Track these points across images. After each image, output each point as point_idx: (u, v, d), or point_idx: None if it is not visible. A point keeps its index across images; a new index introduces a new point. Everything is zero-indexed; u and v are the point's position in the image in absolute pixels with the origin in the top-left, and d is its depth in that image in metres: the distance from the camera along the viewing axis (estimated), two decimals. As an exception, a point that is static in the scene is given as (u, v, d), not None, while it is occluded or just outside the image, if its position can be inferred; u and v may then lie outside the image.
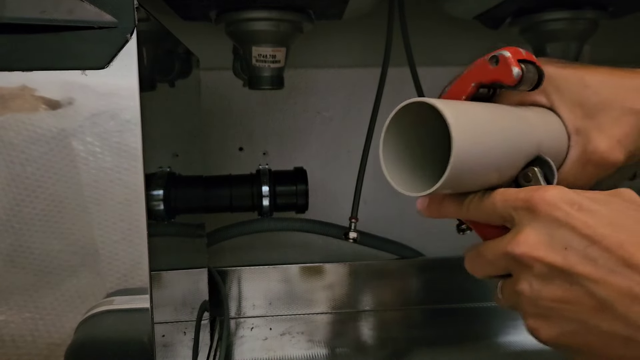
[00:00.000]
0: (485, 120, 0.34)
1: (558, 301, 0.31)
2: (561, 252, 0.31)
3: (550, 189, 0.32)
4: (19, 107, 0.35)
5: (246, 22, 0.61)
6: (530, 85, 0.37)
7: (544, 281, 0.31)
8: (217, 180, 0.73)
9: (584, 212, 0.31)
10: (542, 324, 0.32)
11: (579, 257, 0.30)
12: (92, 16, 0.35)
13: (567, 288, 0.31)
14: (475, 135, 0.33)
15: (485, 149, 0.33)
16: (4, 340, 0.36)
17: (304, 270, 0.83)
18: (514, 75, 0.35)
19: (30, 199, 0.35)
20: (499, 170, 0.36)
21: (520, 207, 0.33)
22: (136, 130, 0.35)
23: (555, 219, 0.31)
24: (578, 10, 0.64)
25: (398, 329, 0.80)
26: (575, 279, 0.30)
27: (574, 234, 0.30)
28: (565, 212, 0.31)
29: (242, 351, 0.74)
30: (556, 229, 0.31)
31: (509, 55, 0.36)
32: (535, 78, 0.37)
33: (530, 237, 0.32)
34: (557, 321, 0.32)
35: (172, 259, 0.47)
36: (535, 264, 0.31)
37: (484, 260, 0.35)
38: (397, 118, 0.35)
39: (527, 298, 0.32)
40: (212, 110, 0.85)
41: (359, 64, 0.87)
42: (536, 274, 0.32)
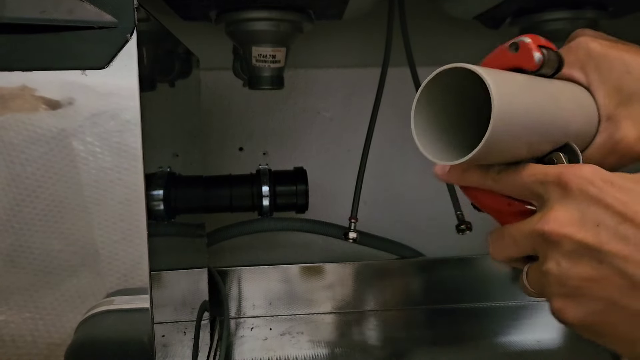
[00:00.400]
0: (525, 92, 0.34)
1: (587, 280, 0.30)
2: (592, 229, 0.30)
3: (584, 166, 0.31)
4: (19, 107, 0.35)
5: (246, 22, 0.61)
6: (552, 70, 0.37)
7: (573, 259, 0.30)
8: (217, 180, 0.73)
9: (618, 189, 0.30)
10: (569, 304, 0.31)
11: (610, 235, 0.29)
12: (92, 16, 0.35)
13: (596, 266, 0.30)
14: (514, 104, 0.32)
15: (522, 120, 0.33)
16: (4, 340, 0.36)
17: (304, 270, 0.83)
18: (535, 60, 0.35)
19: (30, 199, 0.35)
20: (530, 145, 0.35)
21: (552, 181, 0.32)
22: (136, 130, 0.35)
23: (589, 195, 0.30)
24: (578, 10, 0.64)
25: (398, 329, 0.80)
26: (606, 256, 0.29)
27: (607, 210, 0.30)
28: (599, 188, 0.30)
29: (242, 351, 0.74)
30: (589, 206, 0.30)
31: (529, 41, 0.35)
32: (556, 63, 0.37)
33: (560, 213, 0.31)
34: (585, 301, 0.31)
35: (172, 259, 0.47)
36: (564, 241, 0.30)
37: (510, 240, 0.34)
38: (430, 86, 0.34)
39: (554, 277, 0.31)
40: (212, 110, 0.85)
41: (359, 63, 0.87)
42: (565, 251, 0.31)
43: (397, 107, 0.81)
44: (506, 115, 0.31)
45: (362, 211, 0.69)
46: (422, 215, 0.90)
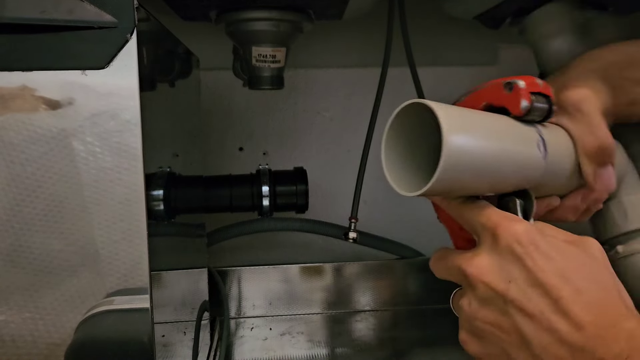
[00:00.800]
0: (484, 138, 0.34)
1: (489, 324, 0.34)
2: (506, 283, 0.33)
3: (520, 223, 0.34)
4: (19, 107, 0.35)
5: (246, 22, 0.61)
6: (538, 118, 0.38)
7: (482, 303, 0.34)
8: (217, 180, 0.73)
9: (540, 255, 0.32)
10: (471, 340, 0.36)
11: (519, 293, 0.32)
12: (92, 16, 0.35)
13: (499, 315, 0.33)
14: (468, 149, 0.33)
15: (474, 165, 0.34)
16: (4, 340, 0.36)
17: (304, 270, 0.83)
18: (521, 108, 0.36)
19: (30, 199, 0.35)
20: (485, 185, 0.36)
21: (489, 229, 0.35)
22: (136, 130, 0.35)
23: (513, 252, 0.33)
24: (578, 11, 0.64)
25: (398, 329, 0.80)
26: (509, 309, 0.33)
27: (523, 271, 0.32)
28: (524, 249, 0.33)
29: (242, 351, 0.74)
30: (510, 262, 0.33)
31: (522, 87, 0.36)
32: (545, 112, 0.37)
33: (484, 261, 0.34)
34: (484, 342, 0.35)
35: (172, 259, 0.47)
36: (480, 286, 0.34)
37: (444, 266, 0.38)
38: (398, 119, 0.36)
39: (464, 313, 0.35)
40: (212, 110, 0.85)
41: (359, 63, 0.87)
42: (477, 295, 0.34)
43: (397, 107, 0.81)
44: (457, 159, 0.32)
45: (362, 211, 0.69)
46: (422, 215, 0.90)
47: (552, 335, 0.31)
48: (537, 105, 0.37)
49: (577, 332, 0.30)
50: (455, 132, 0.32)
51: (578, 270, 0.32)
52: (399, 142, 0.36)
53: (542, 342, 0.31)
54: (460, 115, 0.34)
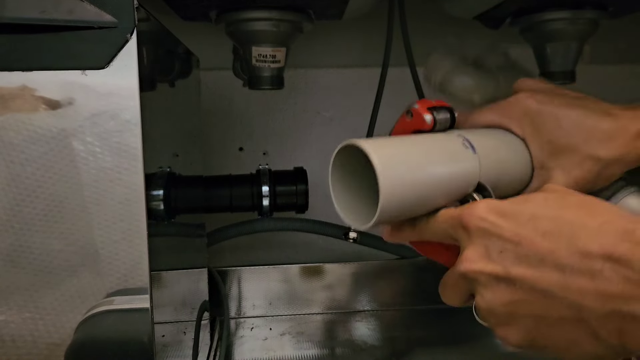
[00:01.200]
0: (415, 157, 0.38)
1: (508, 305, 0.33)
2: (496, 260, 0.33)
3: (478, 203, 0.35)
4: (19, 107, 0.35)
5: (246, 22, 0.61)
6: (445, 126, 0.42)
7: (491, 290, 0.33)
8: (217, 180, 0.73)
9: (507, 218, 0.33)
10: (507, 330, 0.34)
11: (512, 260, 0.32)
12: (92, 16, 0.35)
13: (512, 290, 0.32)
14: (403, 173, 0.36)
15: (414, 185, 0.37)
16: (4, 340, 0.36)
17: (304, 270, 0.83)
18: (427, 122, 0.41)
19: (30, 199, 0.35)
20: (435, 199, 0.39)
21: (457, 225, 0.36)
22: (136, 130, 0.35)
23: (484, 230, 0.34)
24: (578, 10, 0.64)
25: (398, 329, 0.80)
26: (514, 281, 0.32)
27: (502, 240, 0.33)
28: (491, 222, 0.33)
29: (242, 351, 0.74)
30: (487, 239, 0.33)
31: (417, 107, 0.41)
32: (449, 119, 0.42)
33: (469, 252, 0.34)
34: (517, 323, 0.33)
35: (172, 259, 0.47)
36: (479, 276, 0.34)
37: (448, 288, 0.37)
38: (340, 157, 0.39)
39: (484, 310, 0.34)
40: (212, 110, 0.85)
41: (359, 64, 0.87)
42: (483, 285, 0.34)
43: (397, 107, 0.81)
44: (396, 187, 0.35)
45: (362, 211, 0.69)
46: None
47: (561, 274, 0.30)
48: (439, 116, 0.41)
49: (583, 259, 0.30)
50: (386, 166, 0.35)
51: (544, 208, 0.33)
52: (346, 176, 0.39)
53: (558, 287, 0.31)
54: (388, 148, 0.37)
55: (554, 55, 0.67)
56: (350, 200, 0.39)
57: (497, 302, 0.33)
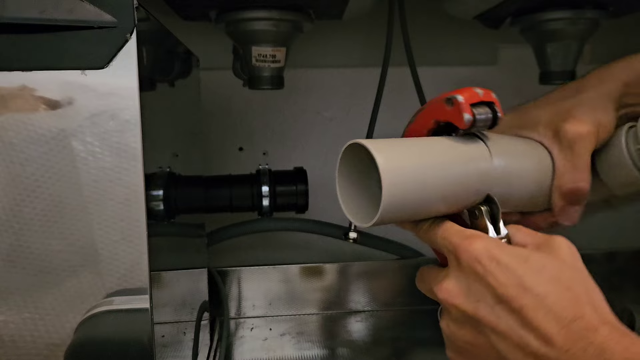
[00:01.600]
0: (421, 162, 0.37)
1: (469, 343, 0.35)
2: (474, 303, 0.34)
3: (478, 241, 0.35)
4: (19, 107, 0.35)
5: (246, 22, 0.61)
6: (483, 128, 0.39)
7: (458, 324, 0.36)
8: (217, 180, 0.73)
9: (501, 270, 0.33)
10: (457, 357, 0.38)
11: (488, 311, 0.33)
12: (92, 16, 0.35)
13: (475, 334, 0.35)
14: (407, 176, 0.35)
15: (417, 190, 0.36)
16: (4, 340, 0.36)
17: (304, 270, 0.83)
18: (465, 121, 0.37)
19: (30, 199, 0.35)
20: (438, 206, 0.38)
21: (450, 250, 0.36)
22: (136, 130, 0.35)
23: (474, 272, 0.34)
24: (578, 10, 0.64)
25: (398, 329, 0.80)
26: (482, 328, 0.34)
27: (487, 290, 0.33)
28: (484, 267, 0.34)
29: (242, 351, 0.74)
30: (474, 281, 0.34)
31: (462, 100, 0.37)
32: (489, 121, 0.38)
33: (452, 285, 0.35)
34: (467, 357, 0.36)
35: (172, 259, 0.47)
36: (452, 309, 0.35)
37: (424, 288, 0.40)
38: (346, 155, 0.38)
39: (445, 334, 0.38)
40: (212, 110, 0.85)
41: (359, 64, 0.87)
42: (453, 317, 0.36)
43: (397, 107, 0.81)
44: (398, 189, 0.35)
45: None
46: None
47: (524, 351, 0.32)
48: (480, 116, 0.38)
49: (546, 346, 0.31)
50: (390, 169, 0.34)
51: (539, 274, 0.33)
52: (353, 174, 0.39)
53: (517, 356, 0.32)
54: (394, 149, 0.37)
55: (554, 55, 0.67)
56: (355, 198, 0.39)
57: (459, 336, 0.36)
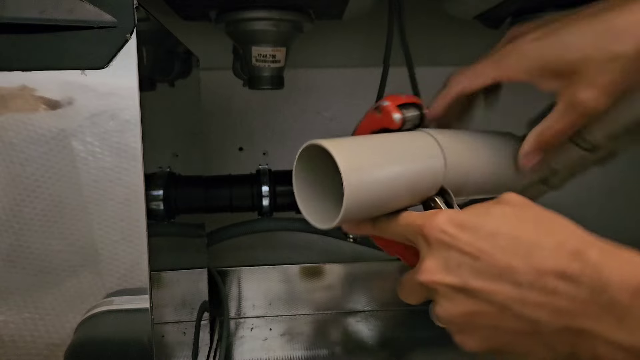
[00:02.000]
0: (379, 158, 0.38)
1: (466, 315, 0.34)
2: (455, 272, 0.34)
3: (439, 214, 0.35)
4: (19, 107, 0.35)
5: (246, 22, 0.61)
6: (413, 124, 0.42)
7: (450, 301, 0.34)
8: (217, 180, 0.73)
9: (466, 231, 0.34)
10: (465, 338, 0.35)
11: (470, 273, 0.33)
12: (92, 16, 0.35)
13: (469, 302, 0.34)
14: (366, 174, 0.36)
15: (377, 187, 0.37)
16: (4, 340, 0.36)
17: (304, 271, 0.83)
18: (395, 121, 0.40)
19: (30, 199, 0.35)
20: (397, 201, 0.39)
21: (417, 233, 0.36)
22: (136, 130, 0.35)
23: (444, 242, 0.34)
24: (578, 10, 0.64)
25: (398, 329, 0.80)
26: (472, 293, 0.33)
27: (461, 253, 0.33)
28: (451, 235, 0.34)
29: (242, 351, 0.74)
30: (447, 252, 0.34)
31: (388, 104, 0.40)
32: (417, 118, 0.42)
33: (429, 263, 0.35)
34: (474, 332, 0.35)
35: (172, 259, 0.47)
36: (439, 287, 0.35)
37: (407, 290, 0.38)
38: (303, 157, 0.39)
39: (443, 318, 0.35)
40: (212, 110, 0.85)
41: (359, 63, 0.87)
42: (442, 295, 0.35)
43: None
44: (359, 187, 0.35)
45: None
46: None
47: (518, 289, 0.32)
48: (408, 115, 0.41)
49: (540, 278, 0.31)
50: (351, 168, 0.35)
51: (505, 219, 0.34)
52: (309, 176, 0.39)
53: (515, 303, 0.32)
54: (352, 148, 0.37)
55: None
56: (313, 199, 0.39)
57: (456, 312, 0.34)
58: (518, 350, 0.34)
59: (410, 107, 0.41)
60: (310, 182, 0.39)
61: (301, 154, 0.39)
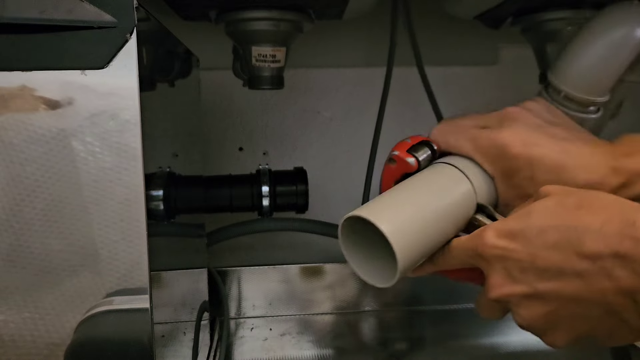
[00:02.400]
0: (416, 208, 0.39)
1: (544, 316, 0.35)
2: (520, 280, 0.35)
3: (486, 231, 0.37)
4: (19, 107, 0.35)
5: (246, 22, 0.61)
6: (429, 160, 0.44)
7: (525, 308, 0.36)
8: (217, 180, 0.73)
9: (517, 239, 0.35)
10: (552, 337, 0.36)
11: (534, 278, 0.34)
12: (92, 16, 0.35)
13: (542, 304, 0.35)
14: (411, 231, 0.38)
15: (424, 236, 0.39)
16: (4, 340, 0.36)
17: (304, 270, 0.83)
18: (412, 165, 0.43)
19: (30, 199, 0.35)
20: (444, 237, 0.40)
21: (474, 255, 0.38)
22: (136, 130, 0.35)
23: (500, 256, 0.36)
24: (578, 10, 0.64)
25: (398, 329, 0.80)
26: (542, 295, 0.35)
27: (519, 261, 0.35)
28: (503, 247, 0.35)
29: (242, 352, 0.74)
30: (505, 263, 0.36)
31: (398, 153, 0.43)
32: (430, 154, 0.44)
33: (494, 279, 0.36)
34: (557, 329, 0.36)
35: (172, 259, 0.47)
36: (510, 299, 0.36)
37: (485, 310, 0.40)
38: (347, 225, 0.40)
39: (525, 325, 0.37)
40: (212, 110, 0.85)
41: (359, 63, 0.87)
42: (515, 305, 0.36)
43: (399, 106, 0.81)
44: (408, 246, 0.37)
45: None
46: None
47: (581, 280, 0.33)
48: (421, 155, 0.43)
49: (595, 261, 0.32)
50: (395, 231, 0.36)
51: (546, 215, 0.34)
52: (355, 239, 0.40)
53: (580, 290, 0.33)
54: (386, 207, 0.39)
55: (554, 55, 0.67)
56: (365, 259, 0.40)
57: (534, 317, 0.35)
58: (602, 334, 0.35)
59: (420, 147, 0.44)
60: (357, 244, 0.40)
61: (343, 225, 0.40)
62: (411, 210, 0.39)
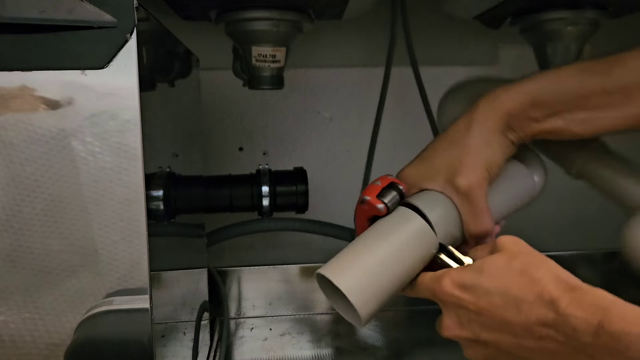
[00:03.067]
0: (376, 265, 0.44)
1: (484, 357, 0.42)
2: (467, 327, 0.41)
3: (444, 279, 0.42)
4: (19, 107, 0.35)
5: (246, 22, 0.61)
6: (396, 201, 0.47)
7: (470, 348, 0.43)
8: (217, 180, 0.73)
9: (468, 292, 0.40)
10: None
11: (479, 328, 0.40)
12: (92, 16, 0.35)
13: (484, 349, 0.42)
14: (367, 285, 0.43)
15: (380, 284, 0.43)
16: (4, 340, 0.36)
17: (304, 270, 0.83)
18: (381, 210, 0.47)
19: (30, 199, 0.35)
20: (407, 279, 0.45)
21: (432, 296, 0.43)
22: (136, 130, 0.35)
23: (453, 303, 0.41)
24: (578, 10, 0.64)
25: (398, 329, 0.80)
26: (484, 343, 0.41)
27: (468, 311, 0.40)
28: (457, 297, 0.41)
29: (242, 351, 0.74)
30: (458, 310, 0.41)
31: (369, 199, 0.47)
32: (398, 197, 0.48)
33: (447, 321, 0.42)
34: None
35: (172, 259, 0.47)
36: (459, 340, 0.43)
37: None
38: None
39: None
40: (212, 110, 0.85)
41: (359, 63, 0.87)
42: (463, 344, 0.43)
43: (397, 106, 0.81)
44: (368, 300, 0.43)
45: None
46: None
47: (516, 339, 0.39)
48: (390, 201, 0.47)
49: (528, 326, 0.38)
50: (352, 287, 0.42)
51: (494, 276, 0.40)
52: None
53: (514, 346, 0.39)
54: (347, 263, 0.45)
55: (554, 55, 0.67)
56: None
57: (477, 356, 0.43)
58: None
59: (388, 192, 0.47)
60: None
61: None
62: (370, 263, 0.44)
